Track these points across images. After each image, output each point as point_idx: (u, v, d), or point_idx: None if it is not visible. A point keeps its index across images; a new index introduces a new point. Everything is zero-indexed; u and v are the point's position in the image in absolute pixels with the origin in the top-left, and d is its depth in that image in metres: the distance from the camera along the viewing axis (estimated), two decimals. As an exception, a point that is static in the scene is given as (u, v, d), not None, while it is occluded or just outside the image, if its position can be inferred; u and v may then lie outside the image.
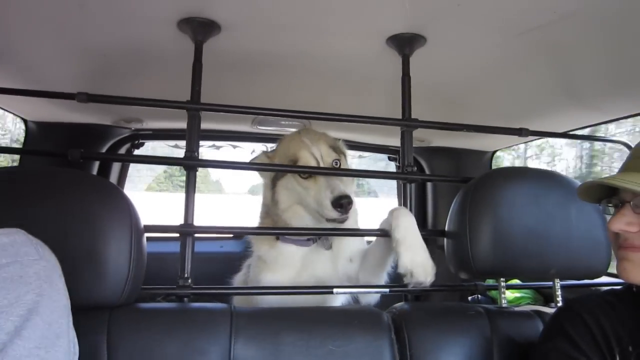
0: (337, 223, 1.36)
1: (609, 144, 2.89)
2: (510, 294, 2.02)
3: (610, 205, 0.94)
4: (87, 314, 0.94)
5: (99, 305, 0.98)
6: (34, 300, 0.64)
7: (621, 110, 1.64)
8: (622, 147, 1.74)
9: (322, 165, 1.42)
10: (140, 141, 2.40)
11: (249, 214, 1.76)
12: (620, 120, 1.76)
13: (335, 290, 1.26)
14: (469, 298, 2.19)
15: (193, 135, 1.27)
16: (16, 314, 0.61)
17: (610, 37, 1.22)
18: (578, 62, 1.39)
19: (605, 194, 0.96)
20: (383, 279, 1.48)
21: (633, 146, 1.02)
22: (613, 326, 0.89)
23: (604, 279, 1.32)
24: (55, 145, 2.03)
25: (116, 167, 2.41)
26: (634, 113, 1.62)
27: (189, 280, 1.19)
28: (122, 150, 2.37)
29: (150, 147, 2.59)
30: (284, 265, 1.46)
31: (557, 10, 1.12)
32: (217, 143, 2.66)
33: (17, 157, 2.08)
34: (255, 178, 1.61)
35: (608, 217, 0.94)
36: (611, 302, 0.95)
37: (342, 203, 1.29)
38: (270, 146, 1.74)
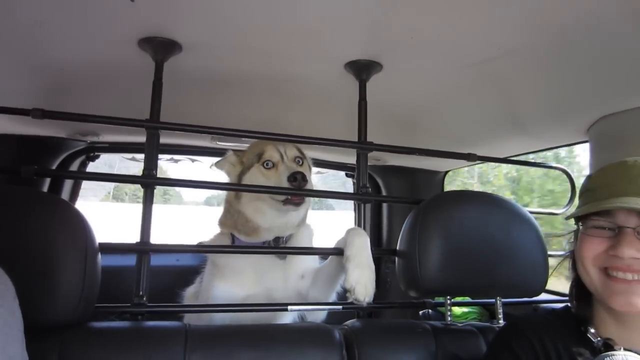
0: (292, 206, 1.43)
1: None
2: (458, 309, 2.10)
3: (592, 229, 0.94)
4: (38, 334, 0.92)
5: (51, 325, 0.96)
6: None
7: (560, 139, 1.76)
8: (560, 173, 1.87)
9: (285, 159, 1.53)
10: (96, 154, 2.35)
11: (206, 225, 1.77)
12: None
13: (289, 307, 1.29)
14: (420, 313, 2.26)
15: (152, 153, 1.27)
16: None
17: (548, 70, 1.32)
18: (521, 92, 1.49)
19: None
20: (332, 297, 1.52)
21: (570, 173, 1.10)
22: (553, 342, 0.96)
23: (542, 297, 1.41)
24: (5, 159, 1.96)
25: (69, 180, 2.34)
26: (571, 142, 1.74)
27: (144, 298, 1.19)
28: (77, 163, 2.31)
29: (106, 156, 2.54)
30: (236, 272, 1.48)
31: (500, 46, 1.22)
32: (176, 157, 2.64)
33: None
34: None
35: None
36: (552, 320, 1.03)
37: (297, 177, 1.39)
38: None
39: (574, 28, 1.08)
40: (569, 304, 1.07)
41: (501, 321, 1.33)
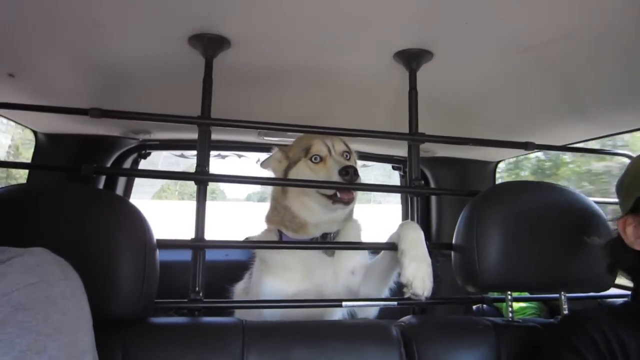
0: (342, 204, 1.41)
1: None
2: (515, 304, 2.03)
3: None
4: (102, 329, 0.94)
5: (114, 320, 0.99)
6: (60, 319, 0.65)
7: (625, 123, 1.65)
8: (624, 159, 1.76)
9: (333, 153, 1.50)
10: (148, 151, 2.42)
11: (248, 220, 1.78)
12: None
13: (344, 303, 1.27)
14: (474, 307, 2.20)
15: (204, 150, 1.28)
16: (45, 334, 0.62)
17: (613, 52, 1.23)
18: (582, 76, 1.41)
19: None
20: (385, 294, 1.49)
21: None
22: (617, 338, 0.90)
23: (611, 292, 1.33)
24: (64, 156, 2.05)
25: (123, 177, 2.43)
26: (637, 127, 1.63)
27: (200, 294, 1.20)
28: (129, 160, 2.39)
29: (154, 155, 2.61)
30: (285, 268, 1.48)
31: (559, 28, 1.14)
32: (223, 153, 2.68)
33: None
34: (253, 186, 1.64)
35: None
36: (614, 315, 0.98)
37: (349, 171, 1.36)
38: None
39: (638, 6, 1.00)
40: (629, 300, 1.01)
41: (564, 317, 1.26)
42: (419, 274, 1.21)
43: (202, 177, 1.26)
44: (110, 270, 0.97)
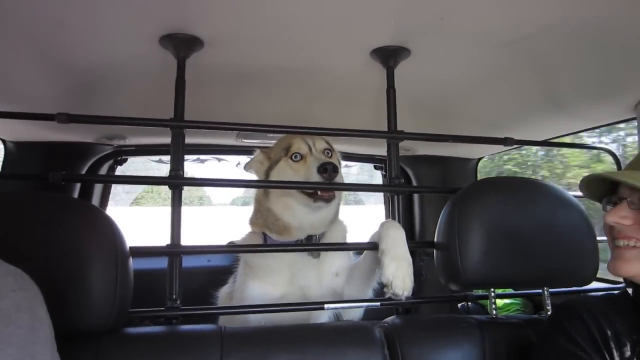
0: (323, 202, 1.39)
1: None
2: (499, 301, 2.03)
3: (610, 204, 0.99)
4: (74, 342, 0.91)
5: (86, 332, 0.95)
6: (12, 333, 0.62)
7: (604, 117, 1.66)
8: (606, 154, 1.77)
9: (314, 151, 1.49)
10: (123, 157, 2.36)
11: (233, 224, 1.76)
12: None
13: (326, 305, 1.25)
14: (459, 305, 2.19)
15: (178, 153, 1.25)
16: None
17: (590, 45, 1.23)
18: (560, 70, 1.41)
19: (606, 192, 1.01)
20: (369, 295, 1.47)
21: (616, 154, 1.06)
22: (612, 326, 0.91)
23: (593, 285, 1.33)
24: (35, 165, 1.98)
25: (99, 185, 2.37)
26: (616, 120, 1.64)
27: (178, 302, 1.17)
28: (105, 167, 2.33)
29: (132, 161, 2.56)
30: (270, 272, 1.45)
31: (537, 22, 1.14)
32: (202, 157, 2.64)
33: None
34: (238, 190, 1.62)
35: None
36: (608, 304, 0.97)
37: (327, 168, 1.35)
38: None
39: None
40: (627, 289, 1.01)
41: (549, 312, 1.25)
42: (399, 274, 1.19)
43: (176, 182, 1.23)
44: (80, 279, 0.94)
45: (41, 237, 0.94)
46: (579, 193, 1.29)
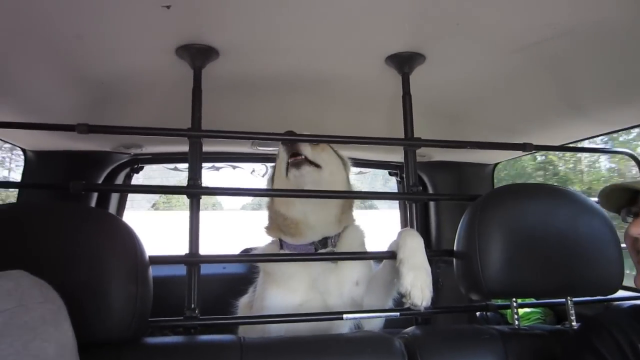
0: (294, 169, 1.42)
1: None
2: (519, 310, 1.98)
3: (630, 215, 0.96)
4: (95, 352, 0.91)
5: (107, 341, 0.95)
6: (40, 346, 0.62)
7: (625, 120, 1.63)
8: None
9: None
10: (140, 165, 2.38)
11: (245, 229, 1.77)
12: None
13: (345, 316, 1.23)
14: (477, 314, 2.16)
15: (195, 163, 1.26)
16: None
17: (609, 48, 1.21)
18: (579, 74, 1.38)
19: (625, 202, 0.98)
20: (389, 304, 1.46)
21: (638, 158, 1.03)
22: None
23: (619, 294, 1.30)
24: (54, 174, 2.01)
25: (115, 194, 2.39)
26: (637, 124, 1.60)
27: (196, 311, 1.17)
28: (122, 175, 2.36)
29: (148, 169, 2.58)
30: (288, 277, 1.45)
31: (554, 26, 1.12)
32: (217, 164, 2.65)
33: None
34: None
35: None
36: (637, 317, 0.93)
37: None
38: (270, 165, 1.82)
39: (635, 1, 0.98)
40: None
41: (573, 323, 1.22)
42: (417, 283, 1.18)
43: (194, 191, 1.23)
44: (101, 290, 0.94)
45: (62, 248, 0.94)
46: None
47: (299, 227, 1.48)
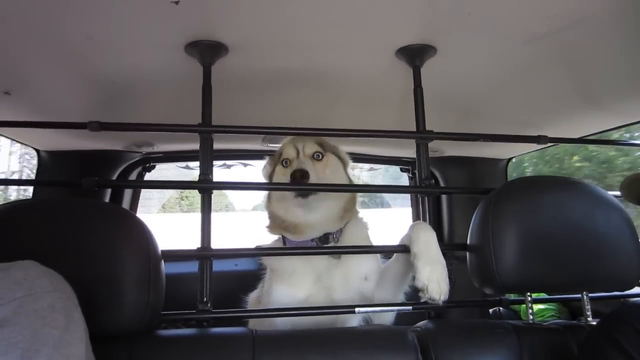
0: (301, 199, 1.39)
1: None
2: (533, 306, 1.96)
3: None
4: (109, 343, 0.92)
5: (120, 334, 0.96)
6: (48, 333, 0.63)
7: (640, 112, 1.59)
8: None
9: (301, 156, 1.50)
10: (152, 164, 2.40)
11: (257, 229, 1.78)
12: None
13: (357, 309, 1.23)
14: (490, 311, 2.13)
15: (206, 158, 1.26)
16: (33, 350, 0.60)
17: (625, 37, 1.18)
18: (595, 64, 1.35)
19: None
20: (400, 299, 1.44)
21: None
22: None
23: (636, 290, 1.27)
24: (67, 173, 2.04)
25: (128, 191, 2.41)
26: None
27: (208, 305, 1.17)
28: (134, 174, 2.38)
29: (158, 168, 2.60)
30: (292, 272, 1.45)
31: (569, 15, 1.10)
32: (228, 162, 2.66)
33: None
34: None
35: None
36: None
37: (296, 175, 1.35)
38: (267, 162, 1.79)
39: None
40: None
41: (590, 318, 1.20)
42: (434, 277, 1.16)
43: (205, 186, 1.23)
44: (114, 283, 0.95)
45: (76, 242, 0.95)
46: (618, 193, 1.24)
47: (299, 227, 1.48)
